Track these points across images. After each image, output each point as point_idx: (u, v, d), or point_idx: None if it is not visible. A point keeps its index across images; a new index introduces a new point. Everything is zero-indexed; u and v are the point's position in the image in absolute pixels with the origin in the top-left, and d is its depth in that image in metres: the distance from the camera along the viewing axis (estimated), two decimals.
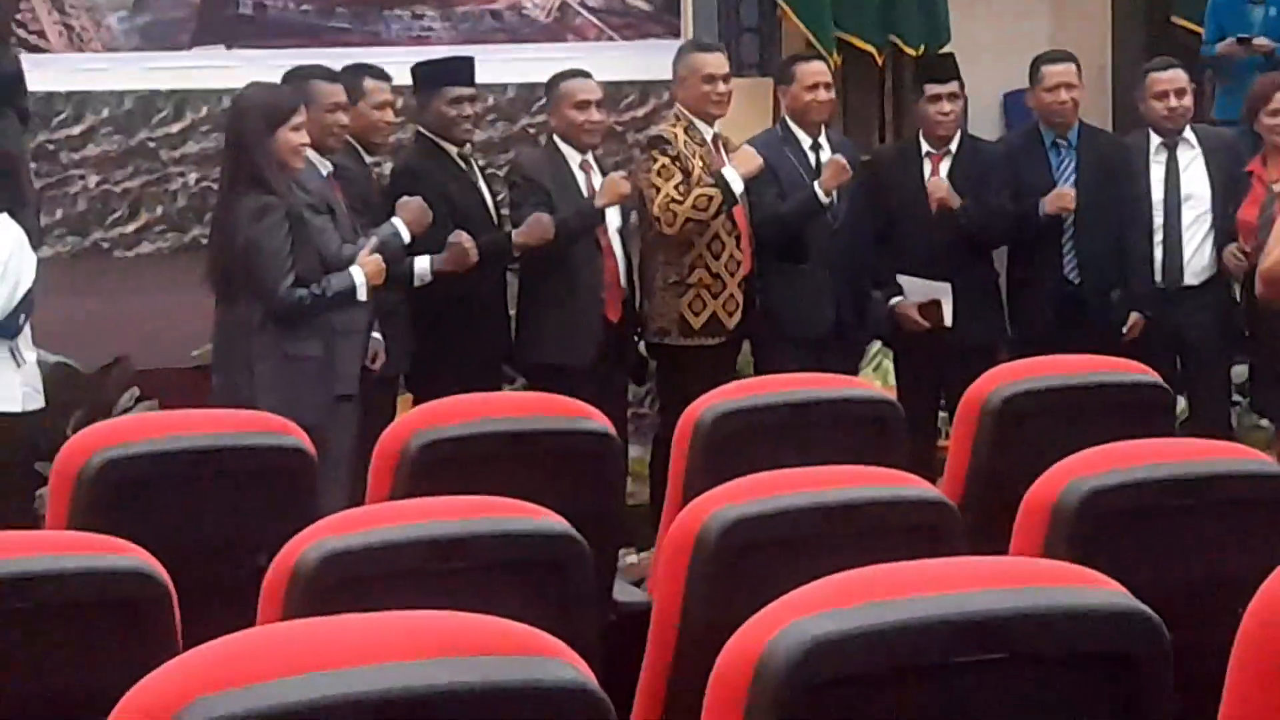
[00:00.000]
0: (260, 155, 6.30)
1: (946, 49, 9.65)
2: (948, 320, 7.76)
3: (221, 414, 4.99)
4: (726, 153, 7.67)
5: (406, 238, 6.96)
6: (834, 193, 7.60)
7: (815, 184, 7.60)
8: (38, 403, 6.93)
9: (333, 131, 6.93)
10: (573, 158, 7.58)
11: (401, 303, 7.23)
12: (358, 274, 6.49)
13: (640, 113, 9.55)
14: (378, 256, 6.58)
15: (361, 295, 6.50)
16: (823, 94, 7.85)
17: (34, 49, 9.55)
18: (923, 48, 9.87)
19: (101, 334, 8.58)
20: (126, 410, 7.83)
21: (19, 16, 9.40)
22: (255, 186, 6.29)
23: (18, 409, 6.80)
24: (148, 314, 8.43)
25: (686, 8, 9.85)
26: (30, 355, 6.92)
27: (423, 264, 7.16)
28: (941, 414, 7.72)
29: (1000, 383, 4.85)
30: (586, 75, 7.73)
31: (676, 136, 7.61)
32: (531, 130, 9.42)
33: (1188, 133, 8.03)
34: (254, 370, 6.31)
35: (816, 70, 7.91)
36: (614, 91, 8.91)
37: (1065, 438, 4.03)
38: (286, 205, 6.30)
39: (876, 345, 8.48)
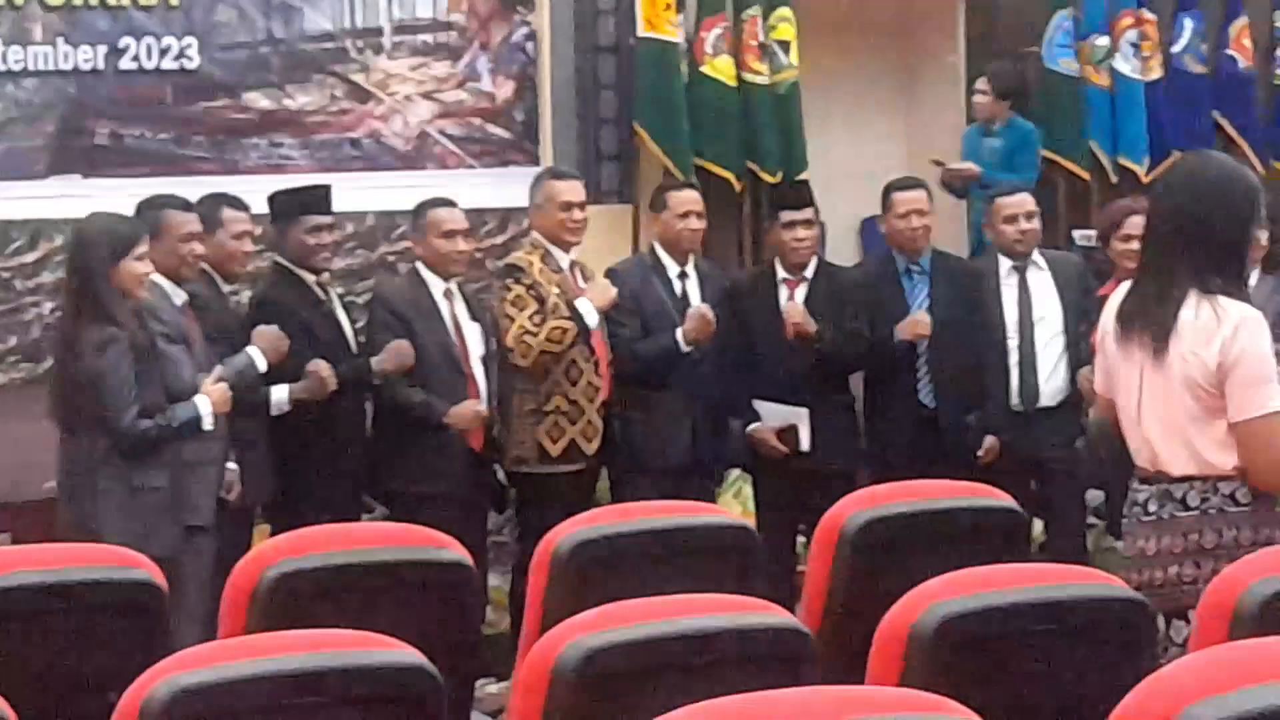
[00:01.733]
0: (103, 285, 6.25)
1: (804, 176, 9.74)
2: (805, 445, 7.79)
3: (69, 548, 4.90)
4: (584, 280, 7.69)
5: (263, 366, 6.93)
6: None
7: (678, 332, 7.63)
8: None
9: (188, 261, 6.90)
10: (436, 286, 7.57)
11: (259, 432, 7.17)
12: (203, 403, 6.44)
13: (500, 240, 9.53)
14: (223, 385, 6.54)
15: (207, 425, 6.45)
16: (694, 222, 7.90)
17: None
18: (780, 174, 9.95)
19: None
20: None
21: None
22: (98, 317, 6.24)
23: None
24: (1, 446, 8.29)
25: (546, 135, 9.88)
26: None
27: (280, 393, 7.13)
28: (801, 539, 7.73)
29: (857, 508, 4.87)
30: (453, 204, 7.75)
31: (532, 265, 7.62)
32: (391, 258, 9.38)
33: (1036, 256, 8.14)
34: (100, 503, 6.24)
35: (689, 199, 7.97)
36: (474, 219, 8.86)
37: (922, 563, 4.05)
38: (130, 336, 6.25)
39: (736, 470, 8.49)
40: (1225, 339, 4.69)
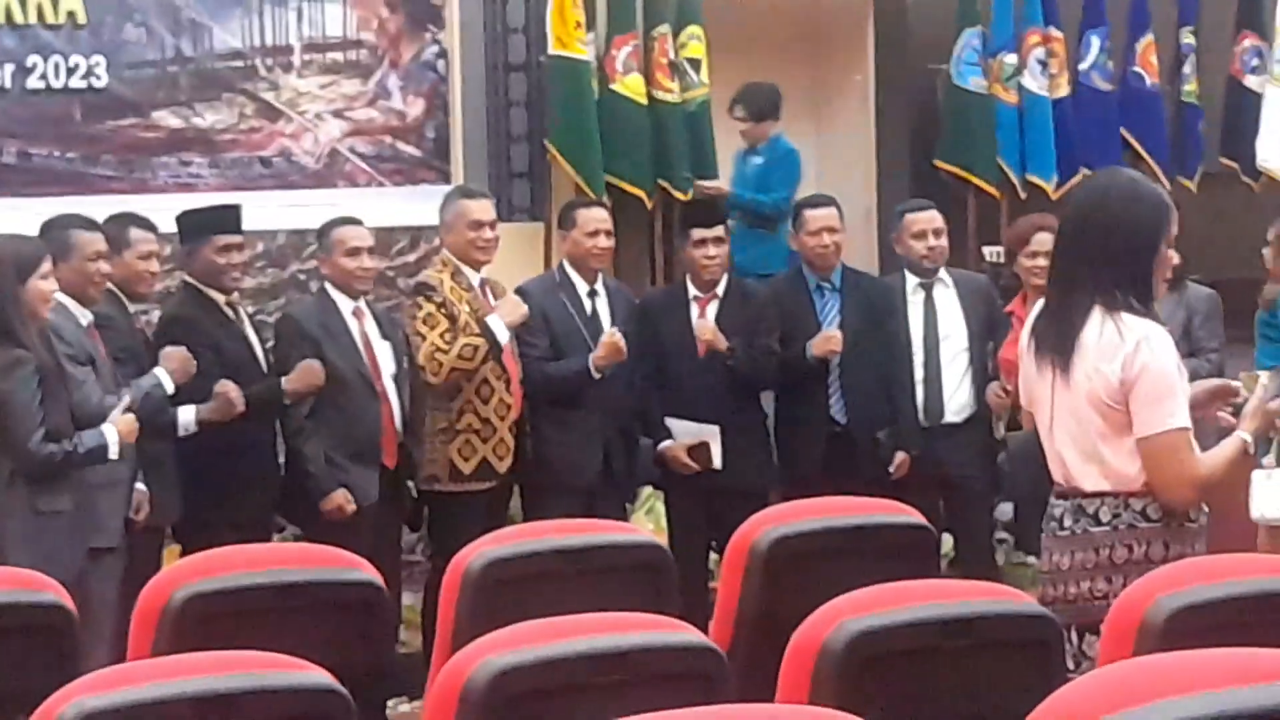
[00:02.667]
0: (9, 307, 6.19)
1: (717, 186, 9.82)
2: (717, 462, 7.80)
3: None
4: (494, 297, 7.68)
5: (170, 388, 6.89)
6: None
7: (589, 358, 7.63)
8: None
9: (94, 281, 6.85)
10: (345, 304, 7.55)
11: (167, 453, 7.13)
12: (110, 432, 6.38)
13: (411, 258, 9.51)
14: (130, 415, 6.48)
15: (113, 454, 6.39)
16: (603, 240, 7.90)
17: None
18: (691, 192, 9.98)
19: None
20: None
21: None
22: (4, 339, 6.17)
23: None
24: None
25: (457, 154, 9.87)
26: None
27: (187, 414, 7.09)
28: (714, 555, 7.74)
29: (769, 525, 4.88)
30: (358, 222, 7.73)
31: (443, 282, 7.61)
32: (302, 276, 9.35)
33: (943, 273, 8.19)
34: (4, 526, 6.18)
35: (598, 217, 7.97)
36: (385, 237, 8.88)
37: (833, 580, 4.07)
38: (36, 357, 6.19)
39: (648, 488, 8.49)
40: (1127, 355, 4.72)
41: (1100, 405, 4.76)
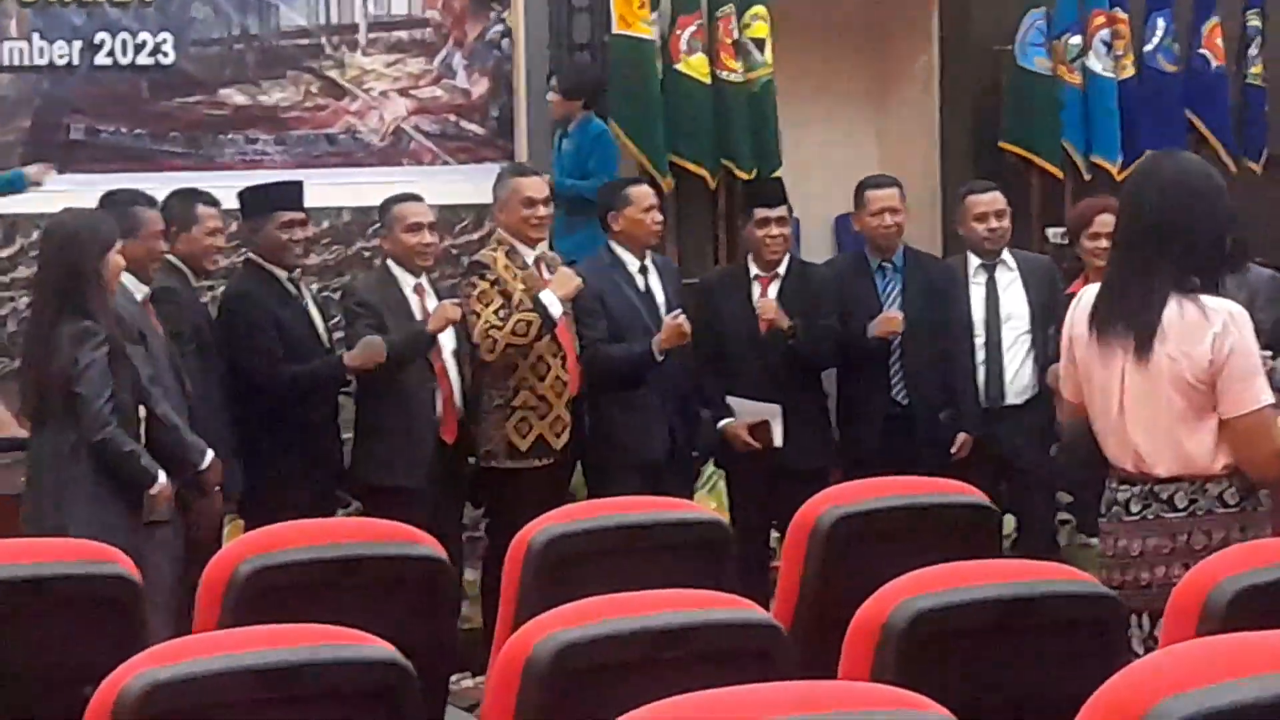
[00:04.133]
0: (90, 281, 6.25)
1: (778, 173, 9.76)
2: (778, 441, 7.79)
3: (43, 543, 4.91)
4: (550, 273, 7.68)
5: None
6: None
7: (653, 341, 7.63)
8: None
9: (155, 257, 6.91)
10: (406, 281, 7.57)
11: (226, 426, 7.16)
12: (162, 478, 6.45)
13: (475, 236, 9.54)
14: (165, 484, 6.50)
15: (154, 489, 6.42)
16: (657, 215, 7.91)
17: None
18: (754, 171, 9.97)
19: None
20: None
21: None
22: (78, 312, 6.23)
23: None
24: None
25: (520, 132, 9.89)
26: None
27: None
28: (775, 534, 7.75)
29: (830, 504, 4.88)
30: (419, 199, 7.74)
31: (496, 260, 7.61)
32: (367, 254, 9.39)
33: (1006, 255, 8.16)
34: (65, 497, 6.23)
35: (650, 193, 7.97)
36: (449, 215, 8.91)
37: (895, 559, 4.06)
38: (107, 332, 6.25)
39: (710, 466, 8.50)
40: (1216, 335, 4.70)
41: (1184, 387, 4.73)
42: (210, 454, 6.74)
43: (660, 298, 7.84)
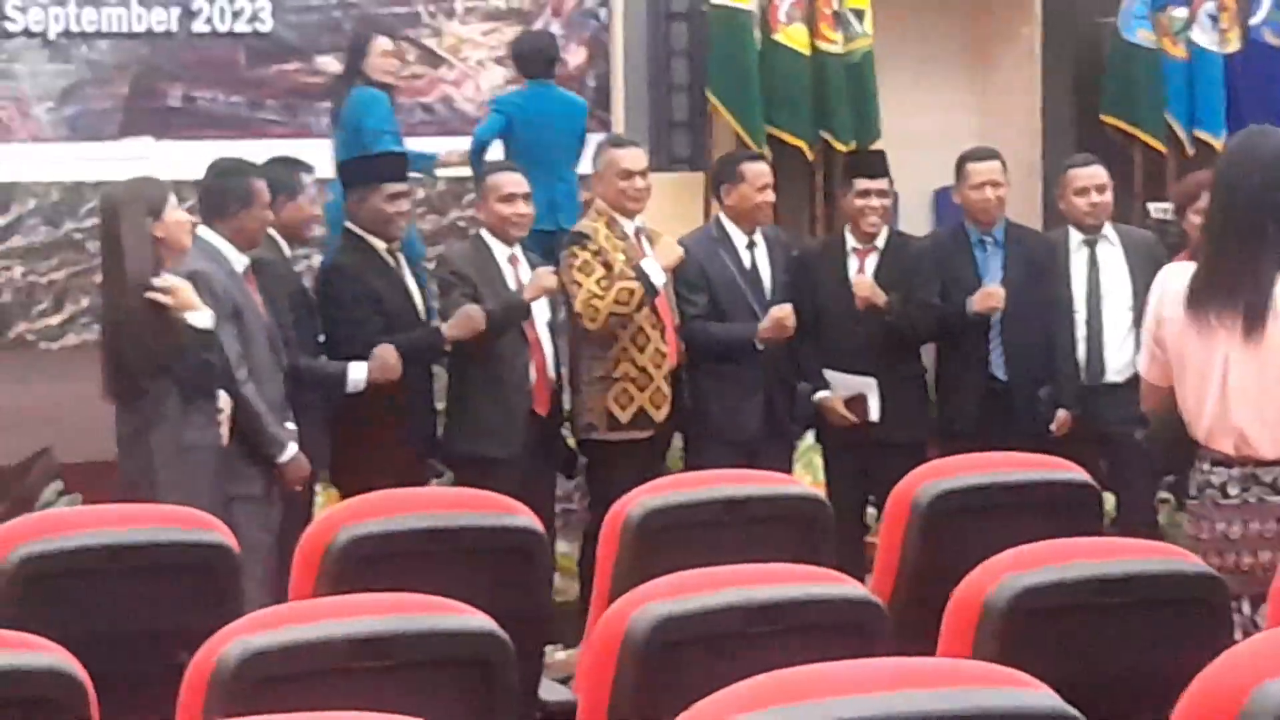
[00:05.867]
0: (130, 248, 6.24)
1: (878, 145, 9.71)
2: (874, 415, 7.75)
3: (143, 509, 4.93)
4: (651, 245, 7.66)
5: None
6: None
7: (755, 329, 7.59)
8: None
9: (264, 227, 6.91)
10: (500, 251, 7.56)
11: (316, 398, 7.17)
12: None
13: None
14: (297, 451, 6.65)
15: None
16: (770, 194, 7.88)
17: None
18: (853, 143, 9.92)
19: (25, 427, 8.49)
20: (49, 504, 7.75)
21: None
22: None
23: None
24: (72, 406, 8.34)
25: (618, 102, 9.90)
26: None
27: (358, 372, 7.12)
28: (871, 509, 7.71)
29: (929, 480, 4.85)
30: (514, 168, 7.74)
31: (597, 231, 7.60)
32: (462, 224, 9.42)
33: (1108, 229, 8.07)
34: (153, 463, 6.24)
35: (765, 170, 7.93)
36: None
37: (994, 536, 4.04)
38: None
39: (807, 441, 8.46)
40: None
41: None
42: (291, 448, 6.75)
43: (766, 275, 7.81)
